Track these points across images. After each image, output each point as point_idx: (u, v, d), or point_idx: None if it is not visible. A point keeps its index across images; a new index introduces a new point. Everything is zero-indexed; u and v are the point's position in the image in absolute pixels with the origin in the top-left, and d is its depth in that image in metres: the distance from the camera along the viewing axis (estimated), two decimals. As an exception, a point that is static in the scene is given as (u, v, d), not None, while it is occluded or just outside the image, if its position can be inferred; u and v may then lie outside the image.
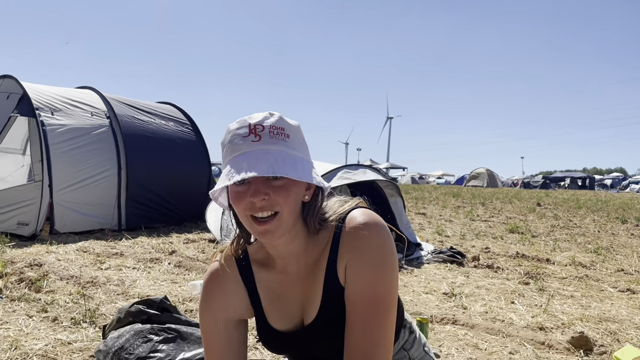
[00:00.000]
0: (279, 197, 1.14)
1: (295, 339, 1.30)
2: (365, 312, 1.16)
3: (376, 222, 1.21)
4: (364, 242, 1.19)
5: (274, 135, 1.15)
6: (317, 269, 1.25)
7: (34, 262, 5.22)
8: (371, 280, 1.17)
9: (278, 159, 1.13)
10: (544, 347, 3.53)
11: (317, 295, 1.25)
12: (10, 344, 3.04)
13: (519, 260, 6.77)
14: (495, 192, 28.47)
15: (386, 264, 1.18)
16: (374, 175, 6.78)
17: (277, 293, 1.31)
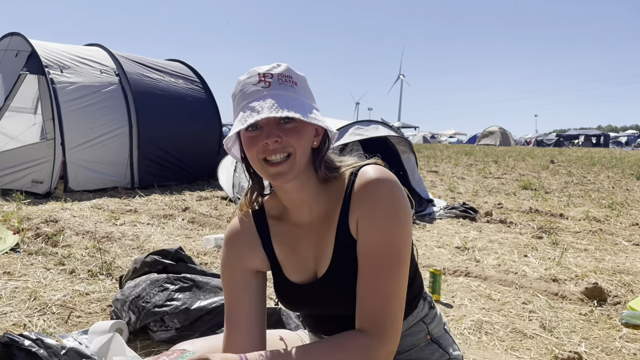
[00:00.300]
0: (291, 138, 1.16)
1: (309, 292, 1.31)
2: (377, 265, 1.17)
3: (388, 177, 1.21)
4: (375, 195, 1.19)
5: (282, 82, 1.18)
6: (329, 221, 1.26)
7: (50, 219, 5.28)
8: (383, 233, 1.17)
9: (288, 102, 1.15)
10: (557, 298, 3.53)
11: (329, 247, 1.26)
12: (29, 295, 3.10)
13: (532, 216, 6.74)
14: (508, 151, 28.23)
15: (399, 217, 1.18)
16: (386, 131, 6.71)
17: (292, 245, 1.33)
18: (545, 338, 2.83)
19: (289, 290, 1.34)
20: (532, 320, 3.10)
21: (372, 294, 1.16)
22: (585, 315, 3.19)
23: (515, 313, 3.20)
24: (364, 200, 1.19)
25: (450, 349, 1.37)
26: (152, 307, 2.50)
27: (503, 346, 2.72)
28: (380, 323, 1.14)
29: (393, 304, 1.16)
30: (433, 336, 1.36)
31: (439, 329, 1.38)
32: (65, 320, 2.79)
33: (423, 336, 1.35)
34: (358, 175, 1.23)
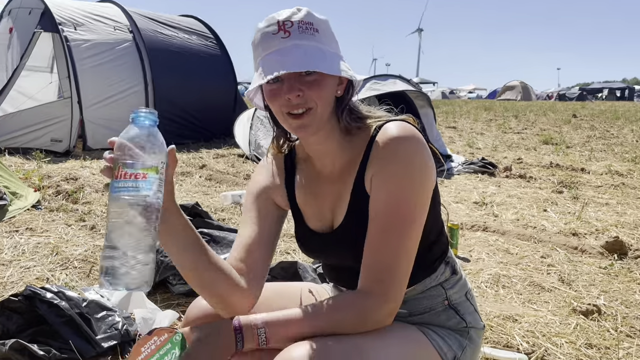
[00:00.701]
0: (313, 92, 1.13)
1: (324, 242, 1.31)
2: (384, 223, 1.15)
3: (410, 135, 1.17)
4: (392, 153, 1.16)
5: (303, 30, 1.13)
6: (348, 173, 1.25)
7: (70, 176, 5.34)
8: (393, 192, 1.15)
9: (308, 54, 1.11)
10: (576, 252, 3.50)
11: (346, 199, 1.25)
12: (51, 250, 3.16)
13: (552, 170, 6.63)
14: (529, 105, 27.67)
15: (412, 177, 1.15)
16: (404, 85, 6.58)
17: (313, 191, 1.33)
18: (564, 291, 2.81)
19: (306, 237, 1.35)
20: (550, 273, 3.08)
21: (376, 252, 1.15)
22: (605, 268, 3.16)
23: (534, 267, 3.18)
24: (381, 157, 1.17)
25: (468, 317, 1.33)
26: (170, 261, 2.52)
27: (520, 299, 2.71)
28: (381, 282, 1.13)
29: (396, 264, 1.14)
30: (451, 302, 1.32)
31: (459, 295, 1.34)
32: (87, 274, 2.85)
33: (440, 301, 1.32)
34: (380, 131, 1.20)
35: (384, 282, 1.13)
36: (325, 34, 1.17)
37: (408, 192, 1.15)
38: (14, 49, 7.60)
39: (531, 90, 44.75)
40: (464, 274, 1.41)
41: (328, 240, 1.30)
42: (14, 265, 2.94)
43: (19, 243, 3.29)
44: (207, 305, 1.29)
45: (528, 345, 2.18)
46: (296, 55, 1.10)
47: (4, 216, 3.80)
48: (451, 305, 1.33)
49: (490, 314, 2.47)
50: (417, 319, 1.30)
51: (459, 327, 1.31)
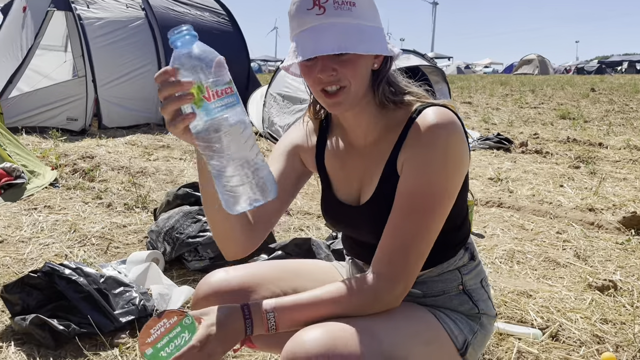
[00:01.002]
0: (347, 71, 1.11)
1: (349, 214, 1.31)
2: (408, 207, 1.14)
3: (449, 123, 1.15)
4: (428, 142, 1.14)
5: (338, 6, 1.09)
6: (381, 150, 1.23)
7: (86, 155, 5.39)
8: (423, 179, 1.14)
9: (343, 33, 1.08)
10: (593, 227, 3.47)
11: (376, 176, 1.24)
12: (69, 227, 3.21)
13: (569, 145, 6.55)
14: (546, 79, 27.19)
15: (445, 167, 1.14)
16: (418, 60, 6.50)
17: (342, 161, 1.32)
18: (579, 267, 2.80)
19: (331, 206, 1.35)
20: (565, 249, 3.06)
21: (393, 235, 1.14)
22: (621, 244, 3.13)
23: (549, 242, 3.16)
24: (416, 144, 1.16)
25: (481, 304, 1.32)
26: (186, 238, 2.56)
27: (535, 275, 2.70)
28: (393, 265, 1.13)
29: (412, 249, 1.13)
30: (466, 287, 1.32)
31: (475, 282, 1.34)
32: (104, 251, 2.89)
33: (455, 285, 1.31)
34: (420, 116, 1.17)
35: (395, 264, 1.13)
36: (363, 6, 1.12)
37: (436, 180, 1.14)
38: (28, 28, 7.62)
39: (549, 64, 43.92)
40: (481, 260, 1.40)
41: (353, 213, 1.29)
42: (33, 242, 3.00)
43: (38, 220, 3.34)
44: (216, 282, 1.31)
45: (542, 320, 2.18)
46: (331, 35, 1.07)
47: (23, 194, 3.86)
48: (465, 291, 1.32)
49: (505, 289, 2.46)
50: (430, 301, 1.30)
51: (472, 313, 1.31)
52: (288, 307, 1.11)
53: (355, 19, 1.10)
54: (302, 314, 1.11)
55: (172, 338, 1.03)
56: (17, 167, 3.98)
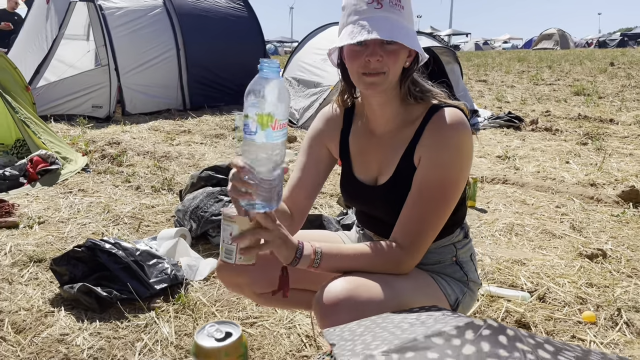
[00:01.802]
0: (390, 60, 1.34)
1: (365, 192, 1.54)
2: (425, 197, 1.36)
3: (462, 124, 1.36)
4: (443, 142, 1.35)
5: (393, 5, 1.31)
6: (400, 141, 1.46)
7: (113, 141, 5.69)
8: (438, 174, 1.35)
9: (395, 26, 1.31)
10: (592, 201, 3.65)
11: (394, 163, 1.46)
12: (103, 208, 3.51)
13: (580, 122, 6.66)
14: (565, 54, 26.81)
15: (457, 165, 1.35)
16: (430, 42, 6.63)
17: (363, 146, 1.55)
18: (574, 238, 3.00)
19: (350, 183, 1.58)
20: (563, 222, 3.26)
21: (413, 217, 1.37)
22: (617, 216, 3.31)
23: (548, 216, 3.36)
24: (432, 143, 1.38)
25: (470, 274, 1.57)
26: (210, 215, 2.82)
27: (531, 245, 2.92)
28: (413, 242, 1.37)
29: (427, 230, 1.37)
30: (458, 259, 1.56)
31: (466, 256, 1.58)
32: (136, 229, 3.18)
33: (449, 257, 1.56)
34: (436, 115, 1.39)
35: (414, 243, 1.36)
36: (408, 12, 1.36)
37: (450, 175, 1.36)
38: (52, 19, 7.91)
39: (569, 38, 43.11)
40: (472, 240, 1.63)
41: (370, 192, 1.52)
42: (72, 222, 3.30)
43: (74, 203, 3.65)
44: None
45: (532, 284, 2.40)
46: (386, 25, 1.29)
47: (58, 179, 4.17)
48: (457, 262, 1.57)
49: (501, 258, 2.69)
50: (428, 268, 1.53)
51: (462, 280, 1.56)
52: (332, 254, 1.34)
53: (404, 19, 1.34)
54: (341, 262, 1.35)
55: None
56: (51, 154, 4.29)
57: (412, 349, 0.71)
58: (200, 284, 2.46)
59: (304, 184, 1.58)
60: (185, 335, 2.05)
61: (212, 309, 2.24)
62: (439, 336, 0.73)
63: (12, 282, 2.48)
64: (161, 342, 2.01)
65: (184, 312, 2.22)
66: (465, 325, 0.76)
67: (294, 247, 1.29)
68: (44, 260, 2.72)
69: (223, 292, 2.39)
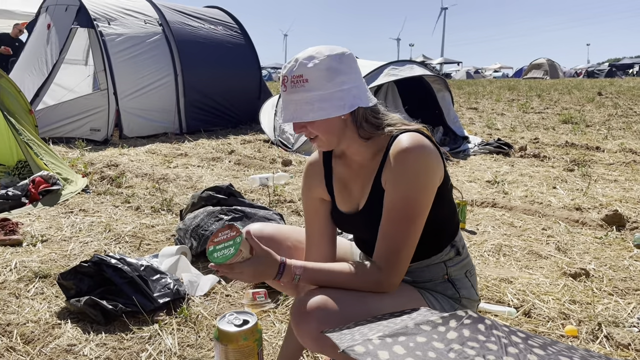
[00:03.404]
0: (313, 128, 1.49)
1: (351, 220, 1.67)
2: (394, 218, 1.46)
3: (418, 146, 1.46)
4: (401, 165, 1.45)
5: (294, 85, 1.44)
6: (371, 170, 1.59)
7: (111, 163, 5.81)
8: (402, 197, 1.45)
9: (298, 107, 1.46)
10: (577, 224, 3.79)
11: (367, 190, 1.59)
12: (104, 228, 3.61)
13: (567, 149, 6.85)
14: (554, 84, 27.38)
15: (418, 185, 1.45)
16: (421, 70, 6.85)
17: (345, 182, 1.68)
18: (559, 258, 3.13)
19: (337, 217, 1.71)
20: (549, 243, 3.40)
21: (387, 238, 1.48)
22: (600, 238, 3.46)
23: (534, 238, 3.50)
24: (392, 167, 1.49)
25: (463, 291, 1.65)
26: (210, 234, 2.93)
27: (518, 265, 3.04)
28: (388, 261, 1.48)
29: (400, 249, 1.47)
30: (450, 277, 1.65)
31: (459, 272, 1.66)
32: (137, 247, 3.28)
33: (440, 275, 1.64)
34: (394, 142, 1.51)
35: (390, 262, 1.47)
36: (316, 79, 1.45)
37: (413, 195, 1.46)
38: (53, 44, 8.09)
39: (558, 68, 43.95)
40: (468, 255, 1.71)
41: (352, 219, 1.65)
42: (74, 240, 3.39)
43: (76, 222, 3.74)
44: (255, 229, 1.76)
45: (518, 301, 2.52)
46: (289, 109, 1.47)
47: (59, 199, 4.27)
48: (449, 279, 1.65)
49: (489, 277, 2.81)
50: (419, 286, 1.63)
51: (454, 297, 1.65)
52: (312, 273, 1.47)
53: (308, 92, 1.45)
54: (319, 281, 1.48)
55: (225, 247, 1.40)
56: (52, 175, 4.40)
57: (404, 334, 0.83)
58: (201, 299, 2.56)
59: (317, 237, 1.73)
60: (188, 347, 2.14)
61: (213, 321, 2.34)
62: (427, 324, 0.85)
63: (19, 297, 2.57)
64: (165, 352, 2.10)
65: (186, 324, 2.31)
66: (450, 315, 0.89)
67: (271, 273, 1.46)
68: (49, 275, 2.81)
69: (223, 307, 2.49)
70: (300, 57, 1.47)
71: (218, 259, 1.38)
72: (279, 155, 6.46)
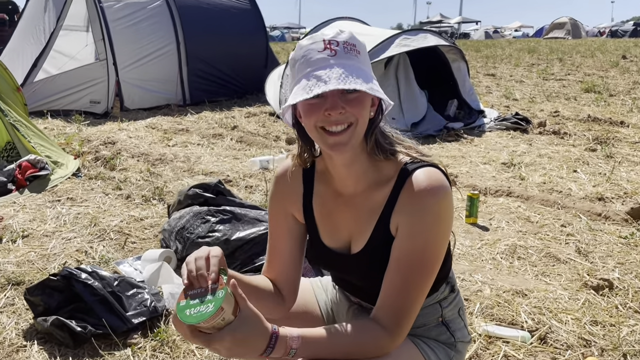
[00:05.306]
0: (355, 109, 1.16)
1: (341, 262, 1.38)
2: (407, 271, 1.21)
3: (440, 187, 1.21)
4: (422, 208, 1.20)
5: (348, 51, 1.17)
6: (374, 205, 1.28)
7: (108, 140, 5.57)
8: (419, 245, 1.21)
9: (354, 73, 1.14)
10: (599, 219, 3.49)
11: (367, 230, 1.29)
12: (90, 221, 3.39)
13: (589, 125, 6.45)
14: (576, 45, 26.36)
15: (438, 231, 1.22)
16: (436, 40, 6.42)
17: (330, 210, 1.37)
18: (579, 263, 2.85)
19: (318, 251, 1.40)
20: (568, 243, 3.11)
21: (396, 295, 1.21)
22: (625, 238, 3.16)
23: (552, 236, 3.21)
24: (410, 210, 1.21)
25: (458, 333, 1.42)
26: (196, 237, 2.69)
27: (534, 271, 2.77)
28: (398, 322, 1.21)
29: (411, 306, 1.22)
30: (445, 319, 1.41)
31: (453, 312, 1.43)
32: (121, 246, 3.06)
33: (435, 318, 1.40)
34: (411, 178, 1.22)
35: (400, 324, 1.21)
36: (365, 57, 1.20)
37: (433, 244, 1.21)
38: (50, 12, 7.76)
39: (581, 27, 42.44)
40: (459, 290, 1.47)
41: (344, 261, 1.36)
42: (56, 236, 3.18)
43: (61, 213, 3.53)
44: None
45: (533, 322, 2.26)
46: (344, 73, 1.13)
47: (47, 185, 4.06)
48: (444, 322, 1.41)
49: (501, 288, 2.55)
50: (411, 332, 1.35)
51: (449, 342, 1.40)
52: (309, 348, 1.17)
53: (361, 64, 1.18)
54: (317, 354, 1.18)
55: (201, 303, 1.09)
56: (41, 159, 4.17)
57: None
58: (182, 314, 2.34)
59: (281, 253, 1.41)
60: (161, 379, 1.93)
61: (191, 346, 2.12)
62: None
63: (-14, 310, 2.38)
64: (135, 386, 1.89)
65: (162, 350, 2.10)
66: None
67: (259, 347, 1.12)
68: (23, 282, 2.61)
69: (205, 325, 2.26)
70: (344, 30, 1.20)
71: (190, 317, 1.07)
72: (284, 132, 6.16)
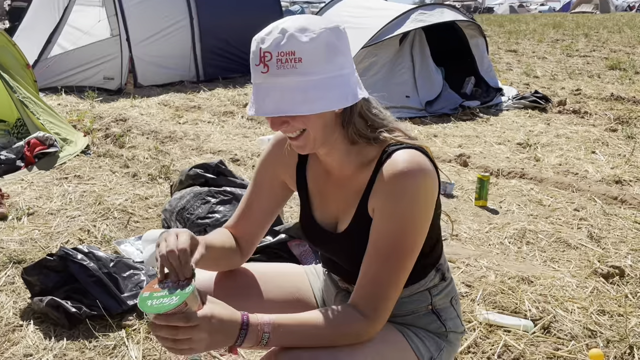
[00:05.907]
0: (297, 122, 1.13)
1: (326, 238, 1.35)
2: (383, 253, 1.17)
3: (417, 169, 1.15)
4: (396, 192, 1.15)
5: (281, 65, 1.08)
6: (357, 187, 1.25)
7: (119, 117, 5.56)
8: (395, 228, 1.17)
9: (284, 93, 1.08)
10: (615, 202, 3.37)
11: (351, 211, 1.26)
12: (95, 199, 3.38)
13: (611, 104, 6.24)
14: (604, 20, 25.50)
15: (416, 215, 1.17)
16: (453, 15, 6.24)
17: (321, 186, 1.35)
18: (590, 249, 2.76)
19: (310, 226, 1.39)
20: (580, 228, 3.01)
21: (373, 280, 1.18)
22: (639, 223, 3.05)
23: (564, 220, 3.11)
24: (385, 192, 1.17)
25: (449, 323, 1.36)
26: (196, 218, 2.66)
27: (542, 257, 2.69)
28: (375, 307, 1.17)
29: (390, 292, 1.18)
30: (435, 307, 1.35)
31: (444, 301, 1.37)
32: (124, 225, 3.05)
33: (424, 306, 1.34)
34: (388, 161, 1.17)
35: (377, 309, 1.17)
36: (312, 59, 1.09)
37: (410, 228, 1.17)
38: (64, -14, 7.71)
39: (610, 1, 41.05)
40: (452, 279, 1.41)
41: (331, 240, 1.33)
42: (61, 214, 3.19)
43: (67, 191, 3.53)
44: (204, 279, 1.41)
45: (537, 311, 2.19)
46: (272, 95, 1.09)
47: (56, 162, 4.06)
48: (434, 310, 1.35)
49: (506, 274, 2.47)
50: (399, 320, 1.33)
51: (439, 331, 1.35)
52: (283, 332, 1.13)
53: (301, 76, 1.08)
54: (291, 341, 1.15)
55: (166, 295, 1.06)
56: (50, 136, 4.17)
57: None
58: (179, 296, 2.32)
59: (254, 212, 1.42)
60: (153, 362, 1.92)
61: (186, 329, 2.10)
62: None
63: (-14, 288, 2.39)
64: (126, 368, 1.88)
65: (156, 332, 2.08)
66: None
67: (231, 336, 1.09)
68: (24, 261, 2.61)
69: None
70: (290, 28, 1.09)
71: (152, 307, 1.04)
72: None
